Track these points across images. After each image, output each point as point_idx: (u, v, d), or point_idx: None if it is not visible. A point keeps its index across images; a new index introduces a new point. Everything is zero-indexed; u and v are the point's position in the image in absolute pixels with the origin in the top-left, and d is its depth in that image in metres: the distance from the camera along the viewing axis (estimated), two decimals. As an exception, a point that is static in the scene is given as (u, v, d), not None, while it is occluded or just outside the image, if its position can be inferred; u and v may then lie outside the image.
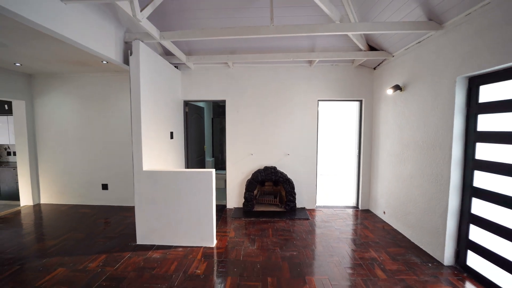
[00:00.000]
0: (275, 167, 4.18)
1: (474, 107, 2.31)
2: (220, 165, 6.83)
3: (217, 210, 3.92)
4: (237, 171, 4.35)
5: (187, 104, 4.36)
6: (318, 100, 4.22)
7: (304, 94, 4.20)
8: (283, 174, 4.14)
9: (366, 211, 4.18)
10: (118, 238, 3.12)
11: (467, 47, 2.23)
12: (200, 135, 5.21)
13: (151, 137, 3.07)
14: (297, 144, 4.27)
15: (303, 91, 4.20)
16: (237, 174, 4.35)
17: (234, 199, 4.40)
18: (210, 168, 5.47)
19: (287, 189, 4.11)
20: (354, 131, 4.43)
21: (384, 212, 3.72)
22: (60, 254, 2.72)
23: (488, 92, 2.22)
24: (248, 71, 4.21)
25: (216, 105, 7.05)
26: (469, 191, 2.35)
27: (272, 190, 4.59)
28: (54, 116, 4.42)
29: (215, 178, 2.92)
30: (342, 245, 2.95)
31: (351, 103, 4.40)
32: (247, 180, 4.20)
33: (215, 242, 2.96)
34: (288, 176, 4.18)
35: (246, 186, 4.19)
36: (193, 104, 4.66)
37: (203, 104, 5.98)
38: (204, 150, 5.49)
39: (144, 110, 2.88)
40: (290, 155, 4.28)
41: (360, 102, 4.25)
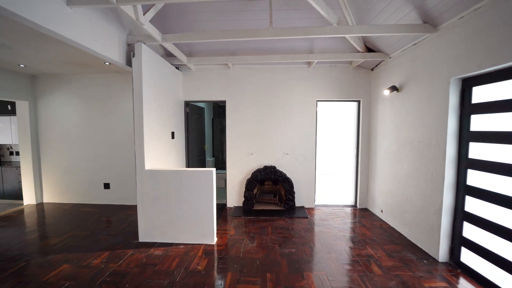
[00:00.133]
0: (275, 167, 4.25)
1: (467, 108, 2.37)
2: (220, 164, 6.88)
3: (217, 209, 3.98)
4: (237, 170, 4.42)
5: (187, 104, 4.43)
6: (316, 101, 4.28)
7: (303, 95, 4.27)
8: (282, 173, 4.21)
9: (364, 209, 4.24)
10: (120, 236, 3.19)
11: (460, 49, 2.30)
12: (201, 135, 5.27)
13: (153, 137, 3.14)
14: (296, 143, 4.33)
15: (302, 91, 4.27)
16: (237, 174, 4.42)
17: (234, 198, 4.46)
18: (210, 167, 5.53)
19: (286, 188, 4.17)
20: (352, 131, 4.50)
21: (382, 211, 3.78)
22: (64, 251, 2.78)
23: (480, 93, 2.29)
24: (247, 72, 4.28)
25: (216, 105, 7.11)
26: (462, 190, 2.42)
27: (272, 189, 4.66)
28: (56, 116, 4.49)
29: (215, 177, 2.99)
30: (340, 242, 3.02)
31: (349, 103, 4.47)
32: (247, 179, 4.27)
33: (215, 239, 3.03)
34: (287, 175, 4.25)
35: (246, 185, 4.25)
36: (193, 105, 4.73)
37: (203, 105, 6.05)
38: (205, 150, 5.56)
39: (146, 111, 2.95)
40: (289, 155, 4.35)
41: (358, 102, 4.31)
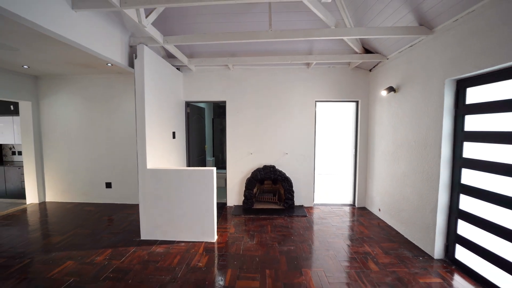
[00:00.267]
0: (274, 166, 4.31)
1: (462, 108, 2.43)
2: (220, 164, 6.94)
3: (217, 208, 4.04)
4: (237, 170, 4.48)
5: (188, 105, 4.49)
6: (315, 101, 4.34)
7: (302, 95, 4.33)
8: (281, 172, 4.27)
9: (362, 208, 4.30)
10: (122, 234, 3.25)
11: (455, 51, 2.36)
12: (201, 135, 5.34)
13: (154, 137, 3.20)
14: (295, 143, 4.39)
15: (301, 92, 4.33)
16: (237, 173, 4.48)
17: (234, 197, 4.52)
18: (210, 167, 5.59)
19: (285, 187, 4.23)
20: (351, 131, 4.56)
21: (379, 210, 3.84)
22: (67, 248, 2.84)
23: (474, 94, 2.35)
24: (247, 73, 4.34)
25: (217, 105, 7.17)
26: (457, 188, 2.48)
27: (271, 188, 4.72)
28: (59, 117, 4.55)
29: (216, 176, 3.05)
30: (338, 240, 3.08)
31: (348, 104, 4.53)
32: (247, 179, 4.33)
33: (216, 237, 3.09)
34: (287, 175, 4.31)
35: (245, 184, 4.31)
36: (194, 105, 4.79)
37: (203, 105, 6.11)
38: (205, 150, 5.62)
39: (148, 111, 3.01)
40: (288, 154, 4.41)
41: (356, 103, 4.37)
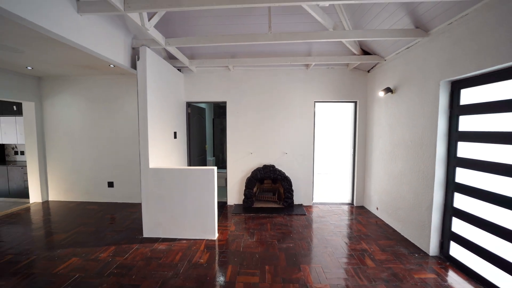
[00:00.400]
0: (274, 166, 4.38)
1: (456, 109, 2.50)
2: (220, 164, 7.00)
3: (218, 207, 4.09)
4: (237, 169, 4.54)
5: (189, 105, 4.55)
6: (314, 101, 4.41)
7: (301, 96, 4.40)
8: (281, 172, 4.34)
9: (360, 207, 4.37)
10: (125, 231, 3.32)
11: (449, 53, 2.42)
12: (202, 135, 5.40)
13: (156, 137, 3.26)
14: (294, 143, 4.46)
15: (300, 92, 4.39)
16: (237, 172, 4.55)
17: (235, 196, 4.59)
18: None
19: (285, 186, 4.30)
20: (349, 131, 4.62)
21: (377, 208, 3.91)
22: (72, 246, 2.91)
23: (468, 95, 2.41)
24: (247, 74, 4.41)
25: (217, 106, 7.23)
26: (451, 187, 2.55)
27: (271, 187, 4.78)
28: (62, 117, 4.61)
29: (216, 175, 3.11)
30: (336, 238, 3.15)
31: (346, 104, 4.60)
32: (247, 178, 4.39)
33: (216, 235, 3.15)
34: (286, 174, 4.38)
35: (246, 183, 4.38)
36: (195, 105, 4.85)
37: (204, 105, 6.17)
38: (206, 150, 5.69)
39: (151, 112, 3.08)
40: (288, 154, 4.47)
41: (354, 103, 4.44)
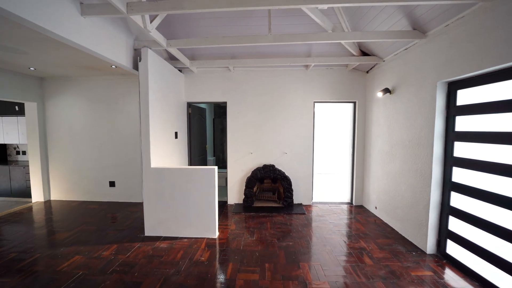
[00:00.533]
0: (274, 165, 4.42)
1: (453, 109, 2.54)
2: (220, 164, 7.04)
3: (218, 206, 4.13)
4: (237, 169, 4.59)
5: (190, 105, 4.60)
6: (314, 102, 4.45)
7: (301, 96, 4.44)
8: (281, 171, 4.38)
9: (359, 206, 4.41)
10: (127, 230, 3.36)
11: (446, 54, 2.47)
12: (202, 135, 5.45)
13: (158, 137, 3.30)
14: (294, 143, 4.50)
15: (300, 93, 4.44)
16: (237, 172, 4.59)
17: (235, 195, 4.64)
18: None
19: (284, 186, 4.34)
20: (348, 131, 4.67)
21: (376, 207, 3.95)
22: (75, 244, 2.96)
23: (464, 96, 2.45)
24: (248, 74, 4.45)
25: (217, 106, 7.27)
26: (448, 186, 2.59)
27: (271, 187, 4.83)
28: (64, 117, 4.66)
29: (217, 174, 3.16)
30: (335, 236, 3.19)
31: (346, 104, 4.64)
32: (247, 178, 4.44)
33: (217, 233, 3.20)
34: (286, 174, 4.42)
35: (246, 183, 4.43)
36: (195, 106, 4.90)
37: (204, 106, 6.21)
38: (206, 150, 5.73)
39: (152, 112, 3.12)
40: (287, 154, 4.52)
41: (353, 103, 4.48)
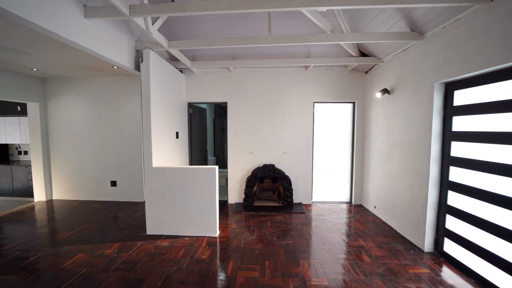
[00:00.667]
0: (274, 165, 4.46)
1: (450, 110, 2.59)
2: (221, 163, 7.08)
3: (219, 205, 4.18)
4: (237, 168, 4.63)
5: (190, 105, 4.64)
6: (313, 102, 4.50)
7: (300, 96, 4.48)
8: (281, 171, 4.42)
9: (358, 206, 4.46)
10: (129, 229, 3.40)
11: (443, 55, 2.51)
12: (203, 135, 5.49)
13: (159, 137, 3.34)
14: (294, 143, 4.54)
15: (299, 93, 4.48)
16: (237, 172, 4.63)
17: (235, 195, 4.68)
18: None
19: (284, 185, 4.38)
20: (348, 131, 4.71)
21: (375, 207, 3.99)
22: (77, 242, 3.00)
23: (461, 96, 2.50)
24: (248, 75, 4.49)
25: (217, 106, 7.31)
26: (445, 185, 2.63)
27: (271, 186, 4.86)
28: (66, 117, 4.70)
29: (218, 174, 3.20)
30: (334, 235, 3.24)
31: (345, 105, 4.68)
32: (247, 177, 4.48)
33: (218, 232, 3.24)
34: (286, 173, 4.46)
35: (246, 182, 4.47)
36: (196, 106, 4.94)
37: (205, 106, 6.26)
38: (207, 149, 5.77)
39: (154, 113, 3.16)
40: (287, 154, 4.56)
41: (353, 104, 4.52)
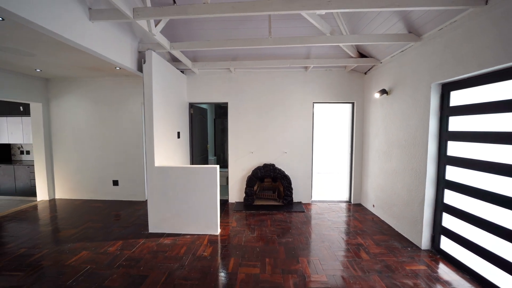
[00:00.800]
0: (274, 164, 4.52)
1: (446, 110, 2.64)
2: (221, 163, 7.14)
3: (220, 204, 4.24)
4: (238, 168, 4.68)
5: (192, 106, 4.69)
6: (313, 102, 4.55)
7: (300, 97, 4.54)
8: (281, 170, 4.47)
9: (358, 205, 4.51)
10: (131, 227, 3.46)
11: (440, 57, 2.56)
12: (203, 135, 5.54)
13: (161, 137, 3.40)
14: (294, 143, 4.60)
15: (299, 94, 4.53)
16: (238, 171, 4.69)
17: (236, 194, 4.73)
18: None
19: (284, 184, 4.44)
20: (347, 131, 4.76)
21: (374, 205, 4.05)
22: (81, 240, 3.06)
23: (457, 97, 2.55)
24: (248, 75, 4.55)
25: (218, 106, 7.36)
26: (442, 184, 2.69)
27: (271, 185, 4.92)
28: (68, 117, 4.76)
29: (219, 173, 3.26)
30: (333, 233, 3.29)
31: (344, 105, 4.74)
32: (248, 177, 4.54)
33: (219, 230, 3.30)
34: (286, 173, 4.51)
35: (246, 182, 4.52)
36: (197, 106, 4.99)
37: (206, 106, 6.31)
38: (207, 149, 5.83)
39: (156, 113, 3.21)
40: (287, 153, 4.61)
41: (352, 104, 4.58)
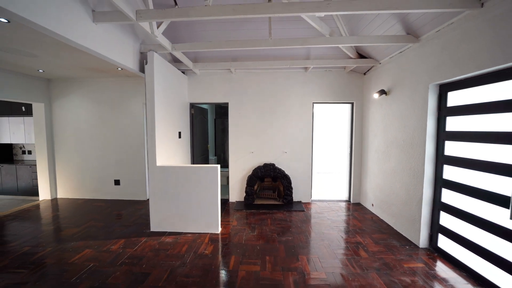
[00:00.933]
0: (274, 164, 4.56)
1: (444, 110, 2.68)
2: (221, 163, 7.17)
3: (220, 203, 4.28)
4: (238, 167, 4.73)
5: (192, 106, 4.73)
6: (313, 103, 4.59)
7: (300, 97, 4.58)
8: (281, 170, 4.52)
9: (357, 204, 4.55)
10: (133, 226, 3.50)
11: (438, 58, 2.60)
12: (204, 135, 5.58)
13: (162, 137, 3.44)
14: (294, 142, 4.64)
15: (299, 94, 4.57)
16: (238, 171, 4.73)
17: (236, 193, 4.77)
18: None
19: (284, 184, 4.48)
20: (347, 131, 4.80)
21: (373, 205, 4.09)
22: (84, 239, 3.10)
23: (455, 98, 2.59)
24: (249, 76, 4.59)
25: (218, 106, 7.40)
26: (440, 183, 2.73)
27: (271, 185, 4.96)
28: (70, 118, 4.80)
29: (219, 173, 3.30)
30: (332, 232, 3.33)
31: (344, 105, 4.78)
32: (248, 176, 4.58)
33: (220, 229, 3.34)
34: (286, 172, 4.56)
35: (247, 181, 4.56)
36: (198, 106, 5.03)
37: (206, 106, 6.35)
38: (208, 149, 5.87)
39: (158, 113, 3.26)
40: (287, 153, 4.65)
41: (351, 104, 4.62)
